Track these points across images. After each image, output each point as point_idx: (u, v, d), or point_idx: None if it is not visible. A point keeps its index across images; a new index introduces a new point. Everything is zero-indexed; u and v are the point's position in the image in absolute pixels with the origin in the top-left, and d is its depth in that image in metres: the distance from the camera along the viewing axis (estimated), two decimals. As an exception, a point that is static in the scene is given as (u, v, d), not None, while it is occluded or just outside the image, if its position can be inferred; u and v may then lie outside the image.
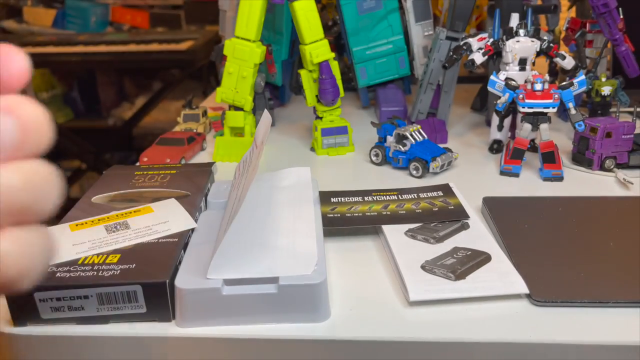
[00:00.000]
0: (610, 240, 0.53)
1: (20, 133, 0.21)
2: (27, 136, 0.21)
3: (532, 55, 0.76)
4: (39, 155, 0.22)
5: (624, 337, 0.41)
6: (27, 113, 0.21)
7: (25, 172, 0.21)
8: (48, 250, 0.22)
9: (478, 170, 0.73)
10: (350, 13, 0.89)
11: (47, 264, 0.22)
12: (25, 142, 0.21)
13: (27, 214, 0.21)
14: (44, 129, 0.22)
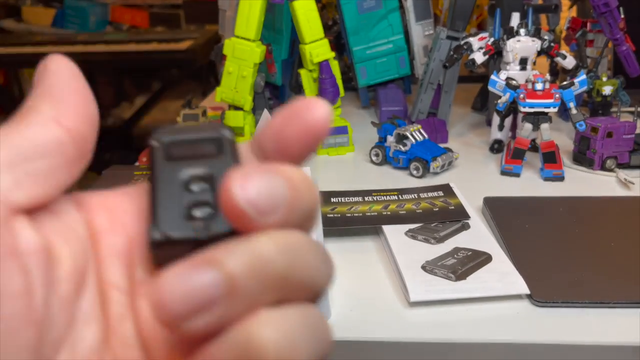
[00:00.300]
0: (611, 240, 0.53)
1: (291, 193, 0.18)
2: (297, 199, 0.19)
3: (533, 55, 0.76)
4: (306, 222, 0.20)
5: (624, 338, 0.41)
6: (296, 174, 0.19)
7: (287, 237, 0.19)
8: (319, 340, 0.18)
9: (479, 170, 0.73)
10: (350, 12, 0.89)
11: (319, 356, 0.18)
12: (294, 206, 0.19)
13: (292, 287, 0.18)
14: (312, 193, 0.20)
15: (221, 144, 0.21)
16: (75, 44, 1.79)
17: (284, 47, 0.97)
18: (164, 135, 0.21)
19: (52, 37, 1.92)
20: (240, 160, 0.21)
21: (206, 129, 0.21)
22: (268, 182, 0.18)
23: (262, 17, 0.76)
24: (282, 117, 0.21)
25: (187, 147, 0.21)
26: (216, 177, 0.20)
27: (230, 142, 0.21)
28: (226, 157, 0.21)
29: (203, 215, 0.20)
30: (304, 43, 0.76)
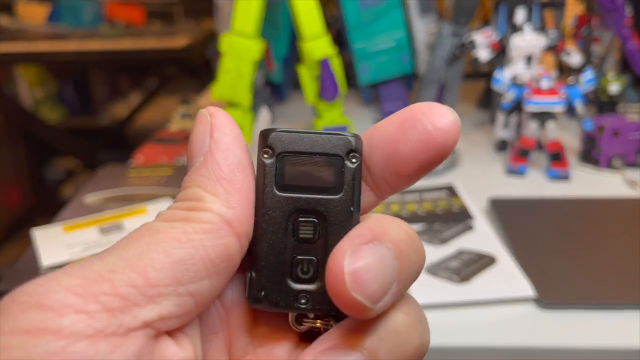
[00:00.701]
0: (618, 242, 0.52)
1: (401, 266, 0.18)
2: (408, 268, 0.18)
3: (538, 52, 0.75)
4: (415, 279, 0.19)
5: (633, 341, 0.40)
6: (403, 239, 0.18)
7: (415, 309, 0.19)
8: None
9: (483, 169, 0.72)
10: (351, 8, 0.87)
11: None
12: (406, 278, 0.18)
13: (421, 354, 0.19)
14: (420, 254, 0.19)
15: (341, 170, 0.19)
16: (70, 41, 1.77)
17: (284, 43, 0.95)
18: (278, 143, 0.18)
19: (47, 33, 1.90)
20: (358, 197, 0.19)
21: (328, 140, 0.19)
22: (378, 268, 0.17)
23: (261, 11, 0.75)
24: (395, 126, 0.19)
25: (302, 171, 0.19)
26: (329, 221, 0.18)
27: (350, 170, 0.19)
28: (344, 193, 0.19)
29: (308, 282, 0.19)
30: (304, 40, 0.75)
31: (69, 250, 0.45)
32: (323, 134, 0.19)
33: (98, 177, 0.60)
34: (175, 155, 0.74)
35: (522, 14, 0.75)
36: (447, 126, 0.18)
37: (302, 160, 0.19)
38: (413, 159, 0.18)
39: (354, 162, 0.19)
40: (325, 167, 0.19)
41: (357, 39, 0.89)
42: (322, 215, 0.19)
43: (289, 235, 0.19)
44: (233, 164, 0.18)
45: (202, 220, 0.17)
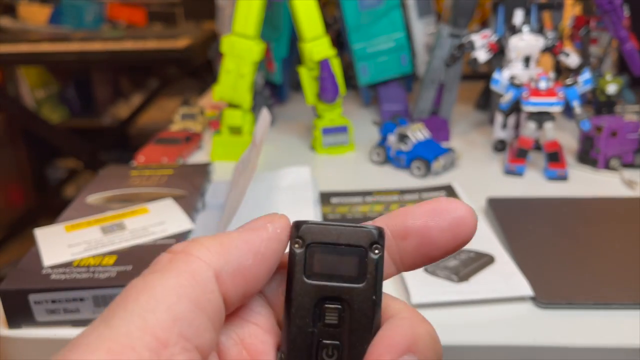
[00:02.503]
0: (615, 241, 0.52)
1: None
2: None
3: (536, 53, 0.75)
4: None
5: (630, 340, 0.40)
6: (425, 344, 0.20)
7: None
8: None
9: (481, 169, 0.72)
10: (351, 9, 0.88)
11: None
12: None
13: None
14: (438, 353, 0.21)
15: (364, 261, 0.20)
16: (71, 42, 1.77)
17: (284, 44, 0.96)
18: (308, 234, 0.20)
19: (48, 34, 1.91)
20: (380, 286, 0.20)
21: (354, 232, 0.20)
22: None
23: (261, 13, 0.75)
24: (424, 215, 0.21)
25: (329, 260, 0.20)
26: (353, 308, 0.20)
27: (373, 260, 0.20)
28: (367, 282, 0.20)
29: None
30: (304, 41, 0.75)
31: (70, 249, 0.45)
32: (349, 226, 0.20)
33: (100, 178, 0.60)
34: (176, 156, 0.75)
35: (521, 15, 0.76)
36: (468, 221, 0.21)
37: (329, 250, 0.20)
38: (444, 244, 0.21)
39: (376, 253, 0.20)
40: (350, 257, 0.20)
41: (357, 40, 0.89)
42: (346, 302, 0.20)
43: (316, 320, 0.20)
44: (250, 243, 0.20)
45: (194, 272, 0.18)
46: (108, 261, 0.43)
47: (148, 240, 0.46)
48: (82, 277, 0.41)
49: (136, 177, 0.60)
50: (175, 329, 0.17)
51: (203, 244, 0.19)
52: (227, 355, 0.20)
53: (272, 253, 0.20)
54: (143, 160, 0.73)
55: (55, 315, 0.41)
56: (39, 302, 0.40)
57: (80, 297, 0.40)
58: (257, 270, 0.20)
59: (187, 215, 0.51)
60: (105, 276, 0.41)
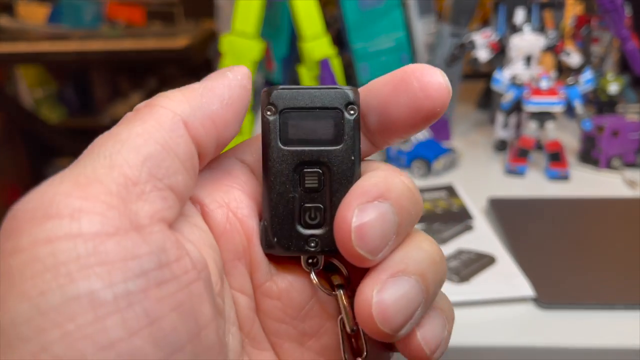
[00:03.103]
0: (617, 241, 0.52)
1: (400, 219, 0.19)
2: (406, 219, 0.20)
3: (538, 52, 0.75)
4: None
5: (632, 341, 0.40)
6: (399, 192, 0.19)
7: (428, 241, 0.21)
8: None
9: (483, 169, 0.72)
10: (351, 9, 0.87)
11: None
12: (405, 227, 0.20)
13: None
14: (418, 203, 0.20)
15: (341, 122, 0.20)
16: (70, 41, 1.77)
17: (284, 44, 0.95)
18: (279, 100, 0.20)
19: (47, 34, 1.90)
20: (359, 147, 0.20)
21: (327, 94, 0.20)
22: (380, 224, 0.18)
23: (261, 12, 0.75)
24: (389, 87, 0.20)
25: (304, 125, 0.20)
26: (332, 170, 0.20)
27: (349, 121, 0.20)
28: (345, 143, 0.20)
29: (316, 227, 0.20)
30: (304, 40, 0.75)
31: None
32: (322, 88, 0.20)
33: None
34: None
35: (522, 14, 0.75)
36: (436, 93, 0.19)
37: (304, 115, 0.20)
38: (403, 121, 0.20)
39: (352, 113, 0.20)
40: (326, 120, 0.20)
41: (357, 40, 0.89)
42: (325, 165, 0.20)
43: (296, 186, 0.20)
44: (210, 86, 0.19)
45: (159, 119, 0.18)
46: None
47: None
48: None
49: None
50: (144, 168, 0.17)
51: (166, 95, 0.19)
52: (212, 217, 0.20)
53: (237, 98, 0.19)
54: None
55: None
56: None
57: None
58: (225, 114, 0.19)
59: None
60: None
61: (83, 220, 0.15)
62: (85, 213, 0.15)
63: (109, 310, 0.15)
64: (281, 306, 0.21)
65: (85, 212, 0.15)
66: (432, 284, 0.19)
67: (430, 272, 0.19)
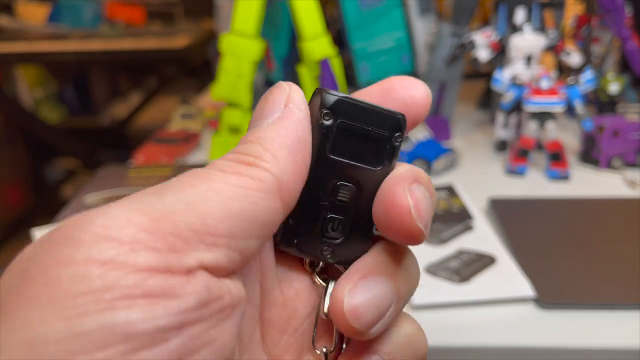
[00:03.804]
0: (618, 241, 0.52)
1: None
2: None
3: (538, 52, 0.75)
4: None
5: (632, 341, 0.40)
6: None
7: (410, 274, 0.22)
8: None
9: (483, 169, 0.72)
10: (351, 8, 0.87)
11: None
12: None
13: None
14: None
15: (385, 147, 0.21)
16: (70, 41, 1.77)
17: (284, 43, 0.95)
18: (339, 109, 0.20)
19: (47, 33, 1.90)
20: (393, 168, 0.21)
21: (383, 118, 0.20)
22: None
23: (261, 11, 0.75)
24: (377, 95, 0.21)
25: (354, 140, 0.20)
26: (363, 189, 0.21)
27: (393, 147, 0.21)
28: (383, 167, 0.21)
29: (334, 238, 0.21)
30: (304, 40, 0.75)
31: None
32: (378, 109, 0.20)
33: (98, 177, 0.60)
34: (175, 155, 0.74)
35: (522, 14, 0.75)
36: (421, 100, 0.21)
37: (357, 130, 0.20)
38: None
39: (398, 141, 0.21)
40: (374, 141, 0.20)
41: (357, 39, 0.89)
42: (359, 184, 0.21)
43: (329, 196, 0.20)
44: (299, 138, 0.19)
45: (259, 179, 0.18)
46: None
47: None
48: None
49: (134, 177, 0.59)
50: (227, 224, 0.17)
51: (267, 151, 0.19)
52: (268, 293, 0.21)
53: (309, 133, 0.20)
54: (142, 160, 0.73)
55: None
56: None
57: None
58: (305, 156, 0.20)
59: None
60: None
61: (141, 253, 0.16)
62: (145, 247, 0.16)
63: (142, 344, 0.15)
64: (285, 316, 0.21)
65: (145, 245, 0.16)
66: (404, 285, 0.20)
67: (401, 273, 0.20)
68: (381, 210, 0.20)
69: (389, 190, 0.20)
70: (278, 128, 0.19)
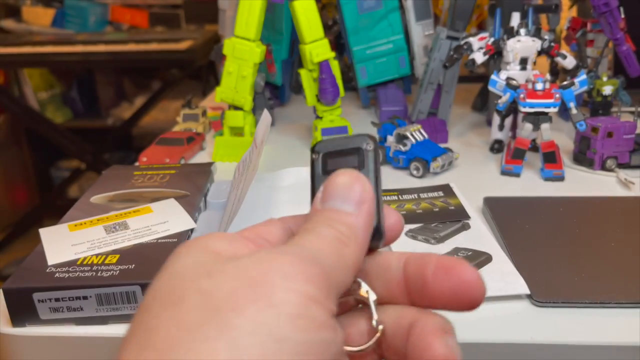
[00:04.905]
0: (611, 240, 0.52)
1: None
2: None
3: (533, 55, 0.76)
4: None
5: (625, 338, 0.40)
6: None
7: None
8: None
9: (479, 170, 0.73)
10: (350, 12, 0.89)
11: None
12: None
13: None
14: None
15: (362, 154, 0.27)
16: (75, 44, 1.79)
17: (284, 47, 0.97)
18: (320, 148, 0.28)
19: (52, 37, 1.92)
20: (379, 171, 0.27)
21: (352, 141, 0.28)
22: None
23: (262, 16, 0.76)
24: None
25: (337, 160, 0.27)
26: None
27: (371, 155, 0.27)
28: (366, 167, 0.27)
29: None
30: (304, 43, 0.76)
31: (74, 248, 0.45)
32: (347, 137, 0.28)
33: (103, 178, 0.61)
34: (179, 157, 0.76)
35: (517, 17, 0.76)
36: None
37: (337, 154, 0.28)
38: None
39: (369, 149, 0.27)
40: (352, 155, 0.27)
41: (356, 42, 0.90)
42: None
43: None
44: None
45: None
46: (111, 260, 0.44)
47: (150, 239, 0.47)
48: (85, 275, 0.41)
49: (139, 178, 0.60)
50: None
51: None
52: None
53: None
54: (146, 161, 0.74)
55: (58, 314, 0.41)
56: (43, 300, 0.41)
57: (84, 296, 0.41)
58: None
59: (189, 214, 0.51)
60: (109, 274, 0.42)
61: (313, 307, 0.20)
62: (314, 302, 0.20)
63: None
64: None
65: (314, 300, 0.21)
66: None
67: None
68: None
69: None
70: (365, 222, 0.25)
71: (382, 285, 0.26)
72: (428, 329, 0.23)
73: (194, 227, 0.50)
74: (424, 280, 0.24)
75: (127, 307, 0.41)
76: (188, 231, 0.49)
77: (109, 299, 0.41)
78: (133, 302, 0.41)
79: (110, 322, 0.42)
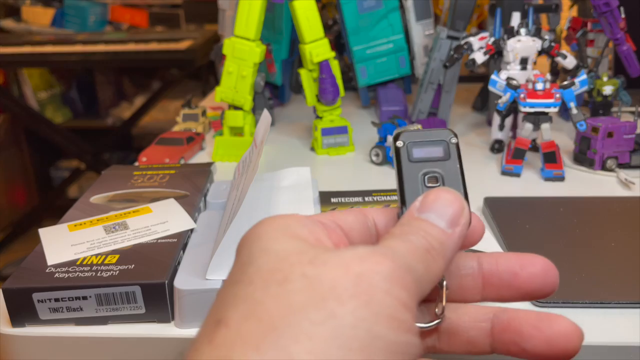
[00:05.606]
0: (611, 240, 0.52)
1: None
2: None
3: (534, 55, 0.76)
4: None
5: (625, 338, 0.41)
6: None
7: None
8: None
9: (479, 170, 0.73)
10: (350, 12, 0.89)
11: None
12: None
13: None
14: None
15: (447, 146, 0.30)
16: (74, 44, 1.79)
17: (284, 46, 0.97)
18: (405, 137, 0.30)
19: (52, 37, 1.92)
20: (461, 163, 0.30)
21: (435, 134, 0.30)
22: None
23: (262, 16, 0.76)
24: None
25: (424, 150, 0.30)
26: (446, 175, 0.29)
27: (455, 148, 0.30)
28: (452, 158, 0.30)
29: None
30: (304, 43, 0.76)
31: (74, 249, 0.45)
32: (429, 130, 0.30)
33: (103, 178, 0.61)
34: (178, 157, 0.76)
35: (518, 17, 0.76)
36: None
37: (423, 144, 0.30)
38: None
39: (453, 142, 0.30)
40: (439, 146, 0.30)
41: (356, 42, 0.90)
42: (440, 173, 0.29)
43: (422, 185, 0.29)
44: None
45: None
46: (111, 260, 0.44)
47: (150, 240, 0.47)
48: (85, 275, 0.41)
49: (139, 178, 0.60)
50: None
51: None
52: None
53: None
54: (145, 161, 0.74)
55: (58, 314, 0.41)
56: (43, 300, 0.41)
57: (84, 296, 0.41)
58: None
59: (189, 214, 0.51)
60: (108, 275, 0.42)
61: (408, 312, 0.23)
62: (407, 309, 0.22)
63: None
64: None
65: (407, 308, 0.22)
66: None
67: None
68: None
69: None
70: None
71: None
72: (533, 315, 0.27)
73: (193, 227, 0.50)
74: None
75: (126, 308, 0.41)
76: (188, 231, 0.49)
77: (108, 299, 0.41)
78: (133, 302, 0.41)
79: (110, 322, 0.42)
